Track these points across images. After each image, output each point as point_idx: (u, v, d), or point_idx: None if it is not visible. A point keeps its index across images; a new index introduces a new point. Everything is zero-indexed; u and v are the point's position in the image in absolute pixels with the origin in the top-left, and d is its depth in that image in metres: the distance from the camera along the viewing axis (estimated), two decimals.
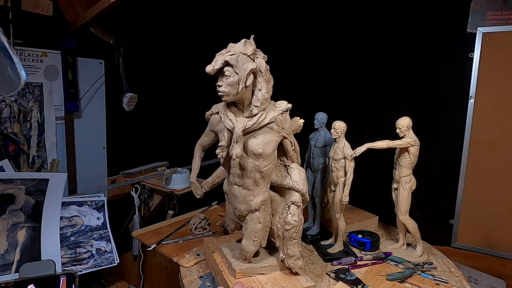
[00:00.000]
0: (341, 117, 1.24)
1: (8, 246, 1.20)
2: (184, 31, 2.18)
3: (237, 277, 0.99)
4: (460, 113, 1.72)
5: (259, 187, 0.94)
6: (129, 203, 1.83)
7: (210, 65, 0.85)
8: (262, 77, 0.88)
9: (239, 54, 0.85)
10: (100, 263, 1.37)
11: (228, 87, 0.85)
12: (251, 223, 0.98)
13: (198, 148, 1.08)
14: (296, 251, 0.98)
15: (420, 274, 1.14)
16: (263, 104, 0.89)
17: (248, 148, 0.90)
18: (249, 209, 0.96)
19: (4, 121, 1.43)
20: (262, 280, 0.99)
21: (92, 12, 1.51)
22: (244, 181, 0.94)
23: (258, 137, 0.90)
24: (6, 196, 1.23)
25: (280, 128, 0.92)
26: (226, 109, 0.93)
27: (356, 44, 2.02)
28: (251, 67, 0.84)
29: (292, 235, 0.96)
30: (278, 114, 0.91)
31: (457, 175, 1.76)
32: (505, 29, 1.60)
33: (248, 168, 0.92)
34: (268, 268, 1.02)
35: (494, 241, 1.70)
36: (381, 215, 1.55)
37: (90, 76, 1.71)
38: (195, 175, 1.11)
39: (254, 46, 0.88)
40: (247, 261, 1.02)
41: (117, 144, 1.89)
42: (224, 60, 0.85)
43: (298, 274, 1.00)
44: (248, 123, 0.88)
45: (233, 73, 0.85)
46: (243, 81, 0.84)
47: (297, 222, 0.96)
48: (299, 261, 0.99)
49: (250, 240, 0.99)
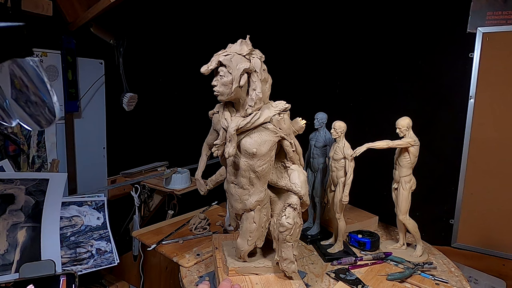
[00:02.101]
0: (341, 117, 1.24)
1: (8, 246, 1.20)
2: (184, 31, 2.18)
3: (229, 275, 0.99)
4: (460, 113, 1.72)
5: (254, 187, 0.94)
6: (129, 203, 1.83)
7: (205, 66, 0.87)
8: (257, 77, 0.88)
9: (234, 54, 0.86)
10: (100, 263, 1.37)
11: (222, 87, 0.86)
12: (246, 222, 0.98)
13: (205, 147, 1.10)
14: (290, 254, 0.96)
15: (420, 274, 1.14)
16: (257, 104, 0.89)
17: (242, 147, 0.90)
18: (245, 208, 0.97)
19: None
20: (254, 280, 0.98)
21: (92, 12, 1.51)
22: (239, 180, 0.94)
23: (252, 136, 0.90)
24: (6, 196, 1.23)
25: (277, 128, 0.92)
26: (223, 109, 0.94)
27: (356, 44, 2.02)
28: (244, 67, 0.85)
29: (286, 237, 0.95)
30: (274, 114, 0.91)
31: (457, 175, 1.76)
32: (505, 29, 1.61)
33: (242, 167, 0.92)
34: (262, 269, 1.01)
35: (494, 241, 1.70)
36: (381, 215, 1.55)
37: (90, 76, 1.71)
38: (200, 172, 1.12)
39: (250, 46, 0.88)
40: (242, 260, 1.02)
41: (117, 144, 1.89)
42: (218, 60, 0.86)
43: (291, 279, 0.99)
44: (241, 123, 0.88)
45: (227, 73, 0.85)
46: (237, 80, 0.85)
47: (292, 225, 0.94)
48: (292, 265, 0.97)
49: (244, 239, 0.99)
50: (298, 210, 0.96)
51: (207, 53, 0.91)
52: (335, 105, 2.09)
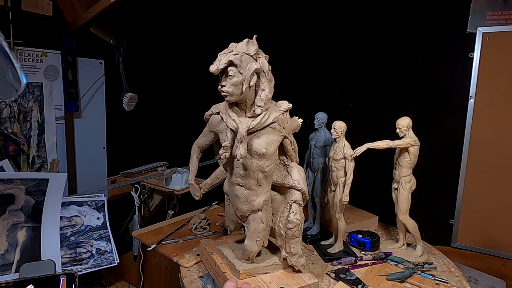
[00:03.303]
0: (341, 117, 1.24)
1: (8, 246, 1.20)
2: (184, 31, 2.18)
3: (241, 278, 0.99)
4: (460, 113, 1.72)
5: (261, 187, 0.95)
6: (129, 203, 1.83)
7: (214, 65, 0.84)
8: (265, 77, 0.88)
9: (243, 54, 0.84)
10: (100, 263, 1.37)
11: (232, 87, 0.84)
12: (254, 223, 0.98)
13: (196, 149, 1.07)
14: (298, 249, 0.99)
15: (420, 274, 1.14)
16: (266, 104, 0.89)
17: (251, 148, 0.90)
18: (252, 209, 0.96)
19: (4, 121, 1.43)
20: (267, 280, 0.99)
21: (92, 12, 1.51)
22: (247, 181, 0.94)
23: (261, 137, 0.90)
24: (6, 196, 1.23)
25: (282, 127, 0.93)
26: (228, 109, 0.92)
27: (356, 44, 2.02)
28: (255, 67, 0.84)
29: (295, 233, 0.98)
30: (280, 114, 0.91)
31: (457, 175, 1.76)
32: (505, 29, 1.60)
33: (251, 168, 0.92)
34: (271, 267, 1.02)
35: (494, 241, 1.70)
36: (381, 215, 1.55)
37: (90, 76, 1.71)
38: (193, 177, 1.09)
39: (257, 46, 0.87)
40: (250, 261, 1.02)
41: (117, 144, 1.89)
42: (228, 60, 0.83)
43: (300, 272, 1.01)
44: (252, 123, 0.88)
45: (237, 73, 0.84)
46: (247, 81, 0.84)
47: (299, 220, 0.97)
48: (301, 258, 1.00)
49: (253, 240, 0.99)
50: (302, 205, 0.99)
51: (207, 53, 0.92)
52: (335, 105, 2.09)
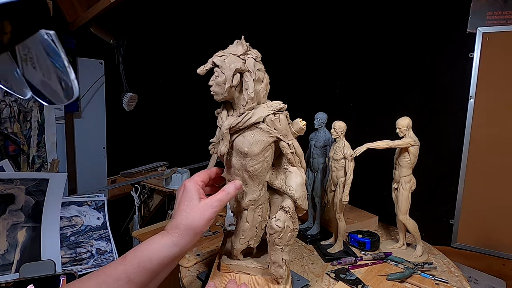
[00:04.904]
0: (341, 117, 1.24)
1: (8, 246, 1.20)
2: (184, 31, 2.18)
3: (221, 270, 1.00)
4: (460, 113, 1.72)
5: (248, 186, 0.95)
6: (129, 203, 1.83)
7: (201, 66, 0.88)
8: (250, 77, 0.88)
9: (229, 54, 0.87)
10: (100, 263, 1.37)
11: (217, 87, 0.88)
12: (240, 221, 0.99)
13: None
14: (278, 258, 0.94)
15: (420, 274, 1.14)
16: (249, 104, 0.89)
17: (234, 146, 0.92)
18: (239, 207, 0.97)
19: (4, 121, 1.43)
20: (245, 280, 0.99)
21: (92, 12, 1.51)
22: (233, 179, 0.95)
23: (246, 136, 0.91)
24: (6, 196, 1.23)
25: (271, 128, 0.91)
26: (222, 108, 0.95)
27: (356, 44, 2.02)
28: (236, 67, 0.86)
29: (275, 240, 0.92)
30: (268, 114, 0.90)
31: (457, 175, 1.76)
32: (505, 29, 1.60)
33: (235, 166, 0.93)
34: (253, 269, 1.01)
35: (494, 241, 1.70)
36: (381, 215, 1.55)
37: (90, 76, 1.71)
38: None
39: (245, 46, 0.88)
40: (235, 257, 1.02)
41: (117, 144, 1.89)
42: (212, 61, 0.88)
43: (279, 283, 0.97)
44: (233, 122, 0.89)
45: (220, 73, 0.87)
46: (229, 80, 0.86)
47: (281, 228, 0.91)
48: (280, 269, 0.95)
49: (237, 237, 1.00)
50: (291, 214, 0.93)
51: (207, 53, 0.92)
52: (335, 105, 2.09)
